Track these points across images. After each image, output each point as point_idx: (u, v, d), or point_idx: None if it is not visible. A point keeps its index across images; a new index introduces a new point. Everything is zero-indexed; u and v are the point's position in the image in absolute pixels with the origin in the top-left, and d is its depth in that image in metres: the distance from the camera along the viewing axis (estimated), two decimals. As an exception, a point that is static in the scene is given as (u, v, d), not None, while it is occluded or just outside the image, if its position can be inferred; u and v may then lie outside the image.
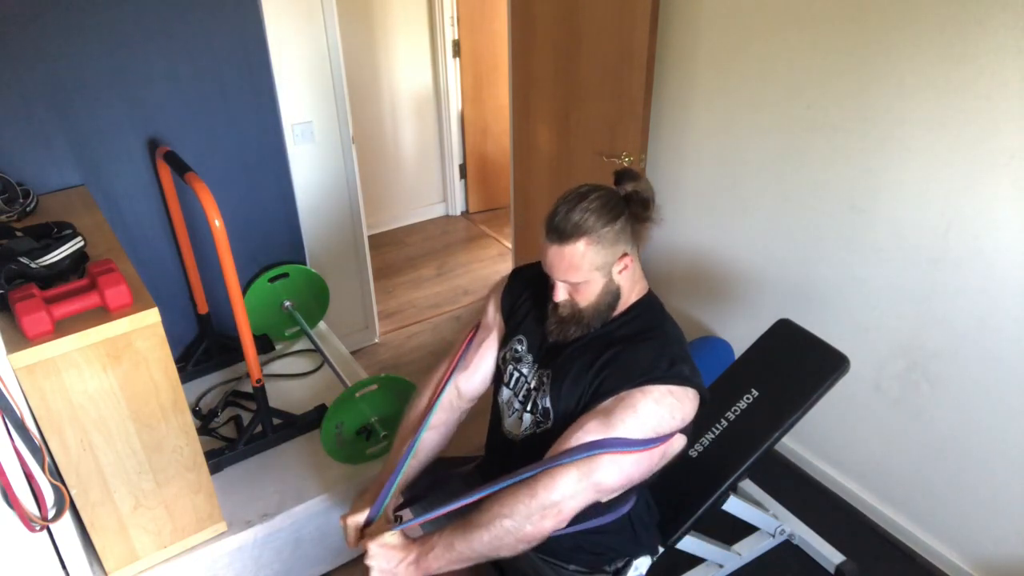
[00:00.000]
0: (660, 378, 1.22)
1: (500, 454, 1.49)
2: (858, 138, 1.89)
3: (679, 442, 1.29)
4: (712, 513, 1.70)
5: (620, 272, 1.27)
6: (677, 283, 2.66)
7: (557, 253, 1.23)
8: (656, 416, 1.21)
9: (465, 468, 1.65)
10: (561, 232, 1.22)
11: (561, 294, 1.30)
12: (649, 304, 1.36)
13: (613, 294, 1.29)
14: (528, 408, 1.40)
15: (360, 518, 1.38)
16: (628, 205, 1.25)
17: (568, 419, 1.31)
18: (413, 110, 4.10)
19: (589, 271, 1.24)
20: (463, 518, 1.23)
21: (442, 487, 1.61)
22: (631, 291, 1.33)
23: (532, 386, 1.40)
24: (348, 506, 1.93)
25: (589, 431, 1.21)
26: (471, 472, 1.65)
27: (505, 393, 1.47)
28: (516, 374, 1.45)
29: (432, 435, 1.50)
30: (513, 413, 1.45)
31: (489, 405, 1.55)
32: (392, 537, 1.25)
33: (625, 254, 1.26)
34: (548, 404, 1.35)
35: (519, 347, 1.45)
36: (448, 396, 1.52)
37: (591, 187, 1.25)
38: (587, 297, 1.28)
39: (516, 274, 1.53)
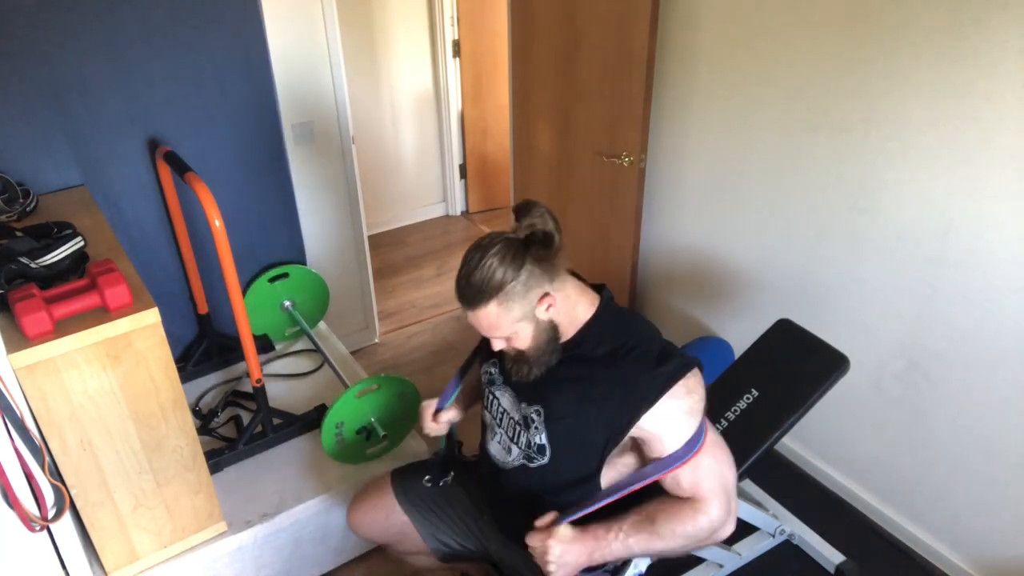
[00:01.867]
0: (668, 380, 1.22)
1: (490, 474, 1.50)
2: (858, 138, 1.89)
3: None
4: (712, 513, 1.70)
5: (546, 310, 1.24)
6: (677, 283, 2.66)
7: (473, 317, 1.24)
8: (691, 406, 1.24)
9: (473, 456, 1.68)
10: (468, 299, 1.21)
11: (498, 345, 1.30)
12: (607, 313, 1.32)
13: (549, 329, 1.27)
14: (515, 441, 1.40)
15: (434, 404, 1.56)
16: (529, 248, 1.20)
17: (579, 452, 1.30)
18: (413, 110, 4.10)
19: (511, 325, 1.23)
20: (637, 519, 1.26)
21: (443, 504, 1.63)
22: (572, 314, 1.30)
23: (517, 420, 1.39)
24: (348, 506, 1.94)
25: (661, 453, 1.24)
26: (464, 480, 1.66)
27: (487, 416, 1.49)
28: (494, 400, 1.45)
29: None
30: (494, 438, 1.46)
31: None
32: (567, 530, 1.26)
33: (545, 294, 1.23)
34: (543, 441, 1.34)
35: (493, 370, 1.46)
36: None
37: (489, 241, 1.20)
38: (523, 342, 1.27)
39: None
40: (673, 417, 1.22)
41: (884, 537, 2.15)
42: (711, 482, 1.25)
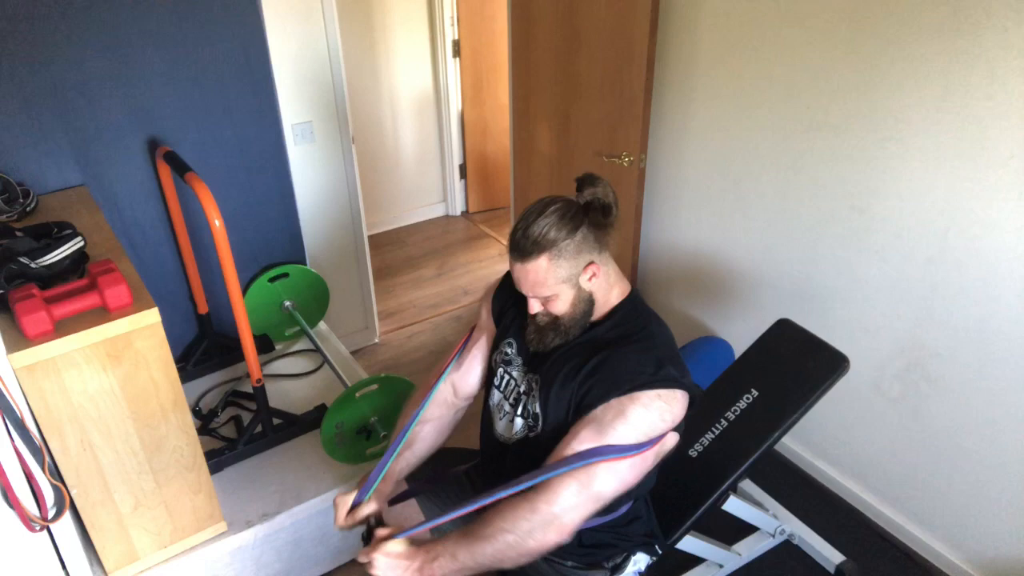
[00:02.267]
0: (647, 383, 1.22)
1: (493, 458, 1.49)
2: (858, 138, 1.89)
3: (671, 440, 1.29)
4: (712, 513, 1.70)
5: (589, 280, 1.27)
6: (677, 283, 2.66)
7: (521, 270, 1.25)
8: (647, 421, 1.21)
9: (463, 467, 1.66)
10: (521, 249, 1.23)
11: (535, 307, 1.31)
12: (632, 305, 1.35)
13: (586, 301, 1.30)
14: (519, 412, 1.40)
15: (349, 499, 1.41)
16: (588, 213, 1.24)
17: (558, 424, 1.31)
18: (413, 110, 4.10)
19: (555, 285, 1.25)
20: (466, 527, 1.24)
21: (444, 484, 1.61)
22: (608, 295, 1.33)
23: (522, 390, 1.40)
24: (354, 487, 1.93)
25: (583, 440, 1.22)
26: (468, 472, 1.65)
27: (495, 396, 1.48)
28: (506, 377, 1.45)
29: (428, 429, 1.53)
30: (503, 416, 1.45)
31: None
32: (396, 546, 1.26)
33: (591, 263, 1.26)
34: (538, 409, 1.35)
35: (509, 350, 1.46)
36: (443, 393, 1.54)
37: (550, 199, 1.25)
38: (560, 308, 1.29)
39: (508, 276, 1.53)
40: (619, 420, 1.20)
41: (884, 537, 2.15)
42: (589, 476, 1.18)
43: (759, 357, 1.93)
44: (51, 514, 1.35)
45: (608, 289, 1.32)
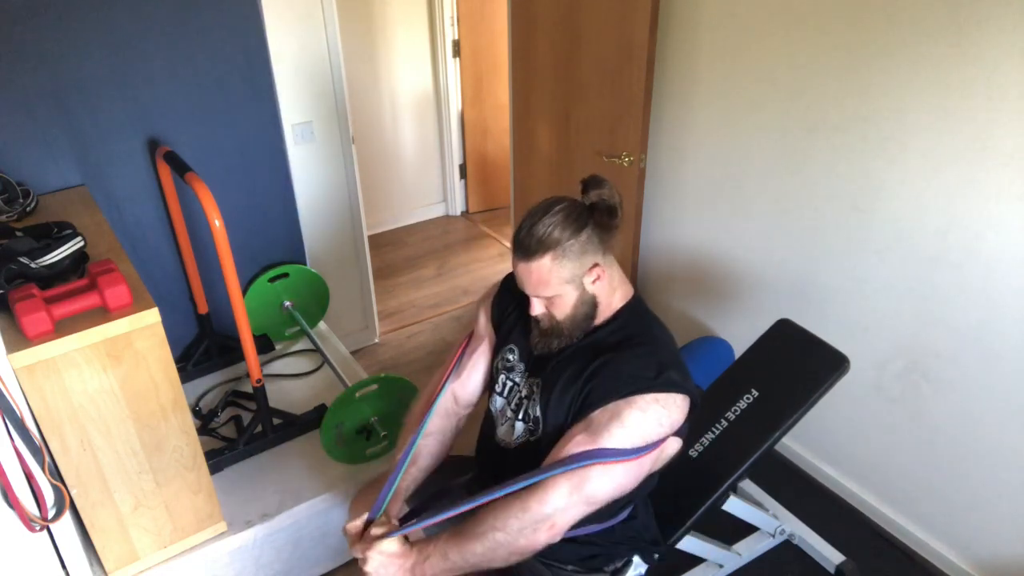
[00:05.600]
0: (646, 387, 1.21)
1: (494, 463, 1.49)
2: (858, 138, 1.89)
3: (673, 446, 1.28)
4: (712, 513, 1.70)
5: (593, 282, 1.27)
6: (677, 283, 2.66)
7: (525, 269, 1.24)
8: (643, 425, 1.20)
9: (466, 478, 1.65)
10: (526, 248, 1.22)
11: (537, 308, 1.31)
12: (635, 309, 1.35)
13: (589, 304, 1.29)
14: (520, 417, 1.40)
15: (359, 523, 1.36)
16: (593, 214, 1.24)
17: (558, 429, 1.31)
18: (413, 110, 4.10)
19: (559, 285, 1.24)
20: (459, 526, 1.24)
21: (446, 497, 1.61)
22: (610, 297, 1.33)
23: (524, 394, 1.40)
24: (348, 506, 1.94)
25: (578, 443, 1.21)
26: (471, 482, 1.64)
27: (498, 402, 1.48)
28: (509, 383, 1.45)
29: (430, 441, 1.51)
30: (506, 422, 1.45)
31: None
32: (390, 544, 1.26)
33: (595, 264, 1.25)
34: (538, 413, 1.35)
35: (511, 356, 1.46)
36: (444, 403, 1.52)
37: (556, 200, 1.25)
38: (563, 310, 1.28)
39: (506, 281, 1.53)
40: (614, 423, 1.20)
41: (884, 537, 2.15)
42: (582, 478, 1.18)
43: (759, 357, 1.93)
44: (51, 514, 1.35)
45: (611, 292, 1.32)
